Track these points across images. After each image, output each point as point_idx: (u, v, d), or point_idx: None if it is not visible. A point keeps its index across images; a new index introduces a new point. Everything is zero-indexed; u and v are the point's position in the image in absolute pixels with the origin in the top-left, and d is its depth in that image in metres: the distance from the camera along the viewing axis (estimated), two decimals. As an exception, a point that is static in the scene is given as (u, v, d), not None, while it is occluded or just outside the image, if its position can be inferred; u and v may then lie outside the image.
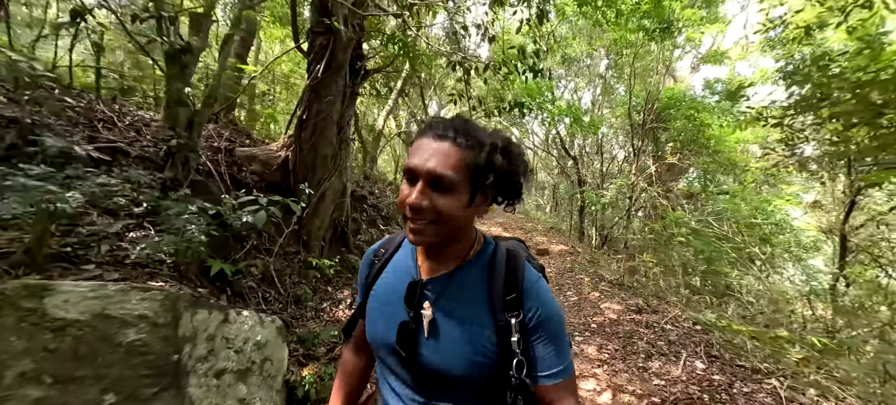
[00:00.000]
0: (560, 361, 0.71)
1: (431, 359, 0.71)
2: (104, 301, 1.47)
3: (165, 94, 2.84)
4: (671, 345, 3.60)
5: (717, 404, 2.57)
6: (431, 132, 0.68)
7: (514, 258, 0.76)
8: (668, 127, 10.54)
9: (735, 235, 6.24)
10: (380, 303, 0.80)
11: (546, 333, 0.71)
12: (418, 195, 0.65)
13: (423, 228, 0.68)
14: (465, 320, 0.72)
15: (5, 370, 1.29)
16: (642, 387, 2.90)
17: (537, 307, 0.71)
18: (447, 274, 0.75)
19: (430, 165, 0.65)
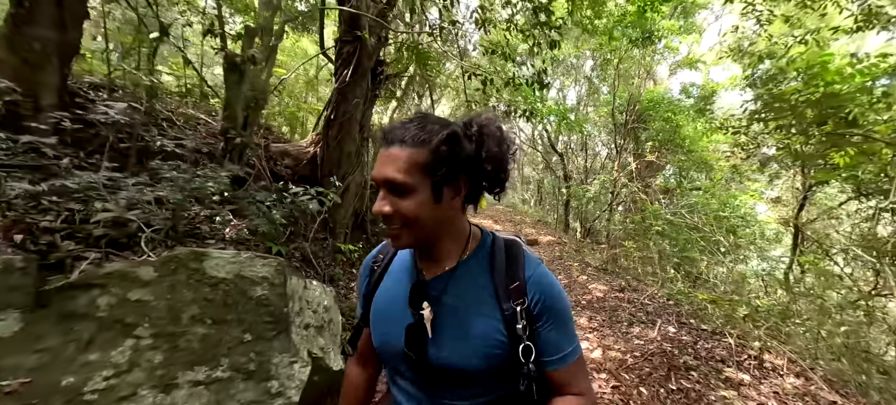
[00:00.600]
0: (567, 344, 0.72)
1: (443, 358, 0.71)
2: (240, 265, 1.95)
3: (225, 98, 3.26)
4: (649, 315, 4.29)
5: (684, 355, 3.24)
6: (385, 140, 0.69)
7: (513, 247, 0.77)
8: (647, 127, 11.38)
9: (704, 226, 7.04)
10: (384, 309, 0.80)
11: (551, 318, 0.71)
12: (379, 203, 0.67)
13: (399, 233, 0.69)
14: (473, 314, 0.72)
15: (181, 313, 1.77)
16: (625, 346, 3.55)
17: (540, 293, 0.72)
18: (448, 271, 0.75)
19: (383, 173, 0.66)
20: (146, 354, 1.65)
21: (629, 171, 11.88)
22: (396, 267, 0.83)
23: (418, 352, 0.71)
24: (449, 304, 0.72)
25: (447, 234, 0.74)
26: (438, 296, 0.73)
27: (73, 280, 1.66)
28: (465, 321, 0.71)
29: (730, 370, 3.05)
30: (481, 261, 0.75)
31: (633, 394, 2.74)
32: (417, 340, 0.71)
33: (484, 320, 0.70)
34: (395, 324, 0.75)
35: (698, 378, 2.94)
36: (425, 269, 0.77)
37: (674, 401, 2.65)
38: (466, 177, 0.69)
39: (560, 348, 0.71)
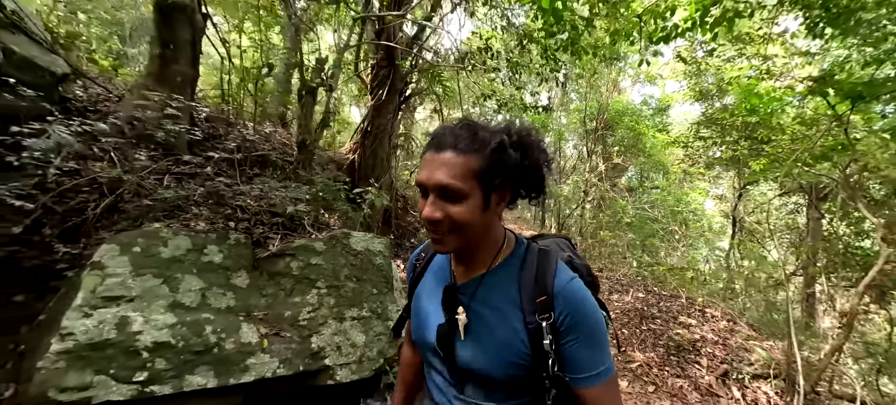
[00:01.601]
0: (598, 363, 0.69)
1: (467, 360, 0.73)
2: (368, 242, 2.84)
3: (300, 117, 4.06)
4: (623, 286, 5.49)
5: (651, 309, 4.42)
6: (435, 145, 0.69)
7: (545, 258, 0.75)
8: (613, 133, 12.91)
9: (662, 218, 8.47)
10: (421, 305, 0.84)
11: (580, 335, 0.69)
12: (430, 208, 0.67)
13: (443, 238, 0.69)
14: (497, 323, 0.72)
15: (340, 273, 2.63)
16: (609, 307, 4.70)
17: (569, 309, 0.69)
18: (478, 277, 0.76)
19: (436, 178, 0.66)
20: (325, 299, 2.54)
21: (598, 172, 13.39)
22: (436, 266, 0.86)
23: (447, 351, 0.74)
24: (476, 311, 0.74)
25: (485, 240, 0.75)
26: (468, 301, 0.75)
27: (274, 251, 2.51)
28: (490, 329, 0.72)
29: (682, 317, 4.26)
30: (511, 271, 0.75)
31: (618, 334, 3.86)
32: (447, 340, 0.74)
33: (507, 330, 0.70)
34: (429, 321, 0.79)
35: (661, 322, 4.12)
36: (458, 273, 0.79)
37: (646, 334, 3.80)
38: (511, 183, 0.70)
39: (588, 367, 0.69)
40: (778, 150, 4.37)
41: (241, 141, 3.50)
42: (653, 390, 2.93)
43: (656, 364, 3.33)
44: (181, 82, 3.27)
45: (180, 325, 1.82)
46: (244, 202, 2.75)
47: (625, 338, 3.76)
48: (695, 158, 6.90)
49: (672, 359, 3.44)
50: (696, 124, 5.86)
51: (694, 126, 5.88)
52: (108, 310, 1.68)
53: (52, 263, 1.99)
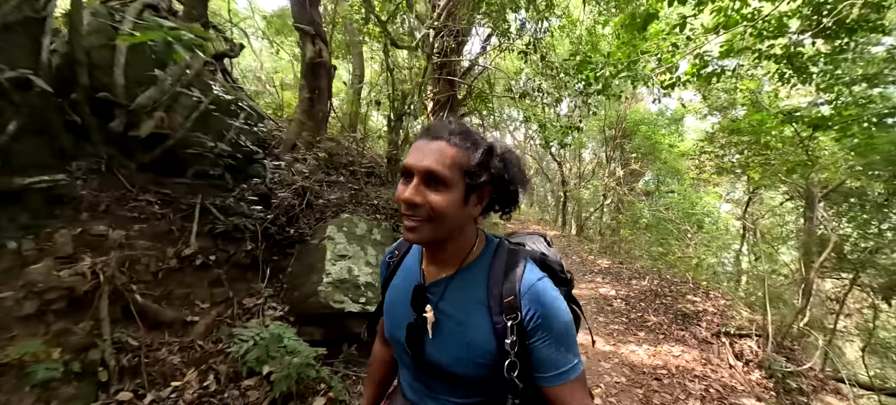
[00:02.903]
0: (565, 361, 0.70)
1: (436, 359, 0.74)
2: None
3: (390, 138, 5.35)
4: (640, 274, 6.59)
5: (663, 290, 5.52)
6: (428, 134, 0.71)
7: (513, 258, 0.76)
8: (631, 140, 13.89)
9: (676, 220, 9.45)
10: (393, 303, 0.84)
11: (546, 334, 0.70)
12: (413, 191, 0.67)
13: (418, 225, 0.69)
14: (465, 323, 0.73)
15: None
16: (628, 290, 5.81)
17: (536, 308, 0.70)
18: (447, 278, 0.76)
19: (425, 163, 0.67)
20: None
21: (617, 177, 14.36)
22: (407, 264, 0.86)
23: (415, 349, 0.75)
24: (444, 310, 0.74)
25: (456, 239, 0.75)
26: (436, 301, 0.75)
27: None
28: (457, 329, 0.73)
29: (689, 296, 5.35)
30: (480, 271, 0.75)
31: (636, 306, 4.99)
32: (416, 339, 0.75)
33: (474, 331, 0.71)
34: (400, 318, 0.79)
35: (671, 299, 5.22)
36: (429, 273, 0.79)
37: (658, 306, 4.92)
38: (491, 189, 0.73)
39: (555, 365, 0.69)
40: (764, 163, 5.44)
41: (356, 157, 4.81)
42: (663, 338, 4.07)
43: (666, 324, 4.45)
44: (322, 117, 4.60)
45: (373, 273, 3.07)
46: (377, 201, 4.02)
47: (641, 309, 4.89)
48: (702, 167, 7.92)
49: (679, 322, 4.56)
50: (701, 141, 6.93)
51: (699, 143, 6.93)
52: (342, 262, 2.95)
53: (284, 238, 3.29)
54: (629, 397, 2.84)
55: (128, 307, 2.17)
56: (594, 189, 14.01)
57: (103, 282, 2.07)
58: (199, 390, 2.14)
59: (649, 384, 3.06)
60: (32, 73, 2.04)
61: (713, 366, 3.57)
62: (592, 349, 3.73)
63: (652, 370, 3.30)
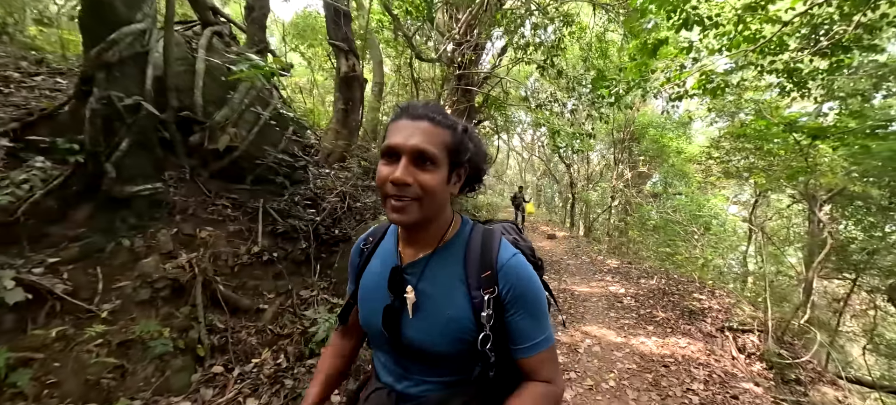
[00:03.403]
0: (538, 333, 0.74)
1: (415, 339, 0.74)
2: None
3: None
4: (648, 274, 6.90)
5: (671, 288, 5.83)
6: (408, 114, 0.71)
7: (489, 236, 0.78)
8: (639, 143, 14.13)
9: (683, 221, 9.72)
10: (368, 289, 0.84)
11: (522, 307, 0.73)
12: (403, 171, 0.67)
13: (407, 205, 0.69)
14: (445, 300, 0.74)
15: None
16: (637, 288, 6.13)
17: (512, 282, 0.73)
18: (425, 257, 0.77)
19: (413, 142, 0.67)
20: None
21: (625, 179, 14.62)
22: (383, 249, 0.86)
23: (393, 331, 0.76)
24: (423, 290, 0.75)
25: (437, 218, 0.76)
26: (415, 281, 0.76)
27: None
28: (436, 307, 0.74)
29: (695, 294, 5.66)
30: (457, 249, 0.77)
31: (645, 303, 5.32)
32: (393, 321, 0.75)
33: (454, 307, 0.73)
34: (376, 303, 0.78)
35: (678, 296, 5.54)
36: (406, 255, 0.80)
37: (666, 303, 5.24)
38: (468, 168, 0.75)
39: (530, 337, 0.73)
40: (768, 168, 5.74)
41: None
42: (670, 331, 4.39)
43: (673, 320, 4.77)
44: (355, 126, 5.00)
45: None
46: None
47: (650, 306, 5.22)
48: (708, 171, 8.20)
49: (685, 318, 4.88)
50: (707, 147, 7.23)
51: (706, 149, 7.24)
52: (383, 259, 3.34)
53: (331, 238, 3.68)
54: (640, 380, 3.19)
55: (215, 295, 2.57)
56: (602, 191, 14.26)
57: (198, 274, 2.47)
58: (274, 366, 2.54)
59: (658, 370, 3.40)
60: (142, 99, 2.44)
61: (717, 357, 3.89)
62: (607, 339, 4.07)
63: (660, 358, 3.64)
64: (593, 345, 3.90)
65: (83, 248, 2.21)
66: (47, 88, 2.99)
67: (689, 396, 2.98)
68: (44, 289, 1.98)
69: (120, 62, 2.38)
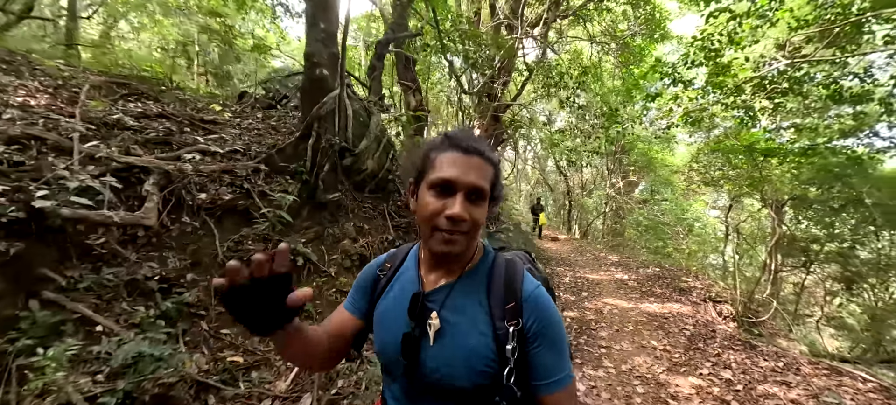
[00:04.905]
0: (560, 369, 0.72)
1: (434, 369, 0.72)
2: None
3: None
4: (644, 265, 8.40)
5: (663, 275, 7.33)
6: (458, 147, 0.72)
7: (512, 267, 0.78)
8: (629, 155, 15.88)
9: (670, 223, 11.36)
10: (387, 315, 0.82)
11: (545, 341, 0.72)
12: (462, 207, 0.68)
13: (458, 239, 0.70)
14: (467, 330, 0.73)
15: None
16: (636, 275, 7.61)
17: (536, 316, 0.72)
18: (449, 284, 0.77)
19: (470, 179, 0.69)
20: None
21: (617, 187, 16.31)
22: (402, 276, 0.85)
23: (411, 360, 0.74)
24: (446, 318, 0.74)
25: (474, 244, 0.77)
26: (437, 308, 0.75)
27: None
28: (458, 336, 0.73)
29: (683, 278, 7.17)
30: (480, 278, 0.77)
31: (645, 284, 6.79)
32: (412, 349, 0.74)
33: (476, 337, 0.72)
34: (394, 331, 0.77)
35: (671, 280, 7.04)
36: (428, 281, 0.80)
37: (661, 284, 6.73)
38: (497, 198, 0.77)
39: (553, 373, 0.71)
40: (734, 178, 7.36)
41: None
42: (667, 300, 5.86)
43: (668, 294, 6.24)
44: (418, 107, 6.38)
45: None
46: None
47: (649, 286, 6.69)
48: (690, 180, 9.88)
49: (677, 293, 6.36)
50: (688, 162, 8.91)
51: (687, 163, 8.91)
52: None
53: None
54: (649, 326, 4.61)
55: (377, 266, 3.89)
56: (598, 198, 15.90)
57: (371, 254, 3.79)
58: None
59: (660, 320, 4.83)
60: (337, 139, 3.79)
61: (701, 315, 5.36)
62: (621, 305, 5.50)
63: (661, 315, 5.08)
64: (613, 309, 5.32)
65: (314, 234, 3.52)
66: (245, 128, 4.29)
67: (683, 332, 4.42)
68: (305, 256, 3.28)
69: (326, 115, 3.73)
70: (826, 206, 7.58)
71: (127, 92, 4.10)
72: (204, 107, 4.50)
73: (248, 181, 3.31)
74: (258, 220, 3.13)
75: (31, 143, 2.47)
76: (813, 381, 3.15)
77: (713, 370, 3.45)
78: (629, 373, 3.37)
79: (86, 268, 2.23)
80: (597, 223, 17.01)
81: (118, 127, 3.12)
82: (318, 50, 3.63)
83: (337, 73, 3.79)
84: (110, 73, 4.46)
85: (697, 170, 8.59)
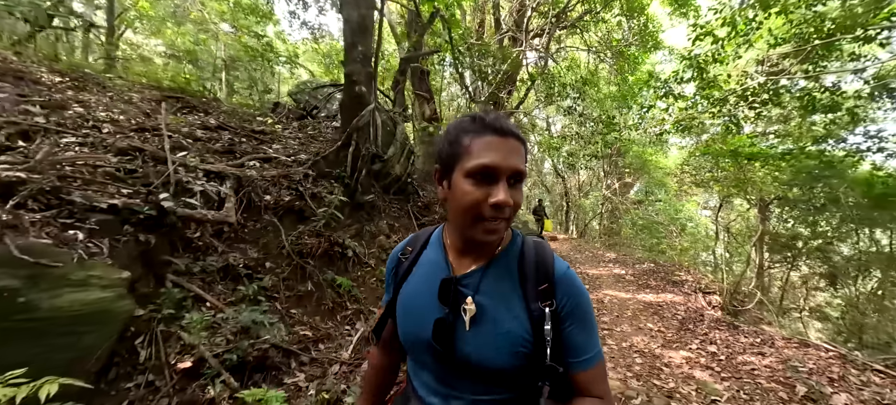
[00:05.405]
0: (592, 347, 0.73)
1: (470, 353, 0.72)
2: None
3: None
4: (639, 261, 8.99)
5: (658, 269, 7.92)
6: (494, 130, 0.68)
7: (542, 249, 0.78)
8: (624, 157, 16.54)
9: (664, 222, 11.98)
10: (411, 302, 0.81)
11: (578, 320, 0.73)
12: (507, 194, 0.66)
13: (500, 227, 0.69)
14: (503, 313, 0.73)
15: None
16: (633, 270, 8.19)
17: (569, 295, 0.73)
18: (481, 268, 0.76)
19: (512, 162, 0.66)
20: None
21: (612, 188, 16.95)
22: (426, 260, 0.84)
23: (446, 345, 0.72)
24: (480, 302, 0.73)
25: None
26: (472, 293, 0.74)
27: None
28: (493, 319, 0.72)
29: (676, 272, 7.75)
30: (511, 261, 0.77)
31: (641, 278, 7.37)
32: (445, 334, 0.73)
33: (511, 319, 0.72)
34: (423, 316, 0.76)
35: (665, 274, 7.62)
36: (458, 265, 0.79)
37: (656, 278, 7.31)
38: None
39: (585, 350, 0.73)
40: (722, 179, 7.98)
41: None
42: (661, 291, 6.43)
43: (662, 286, 6.82)
44: (432, 116, 6.90)
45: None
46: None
47: (645, 279, 7.26)
48: (682, 181, 10.51)
49: (670, 285, 6.94)
50: (680, 164, 9.53)
51: (679, 166, 9.54)
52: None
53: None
54: (646, 312, 5.17)
55: (407, 259, 4.41)
56: (594, 199, 16.52)
57: (402, 246, 4.31)
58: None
59: (656, 307, 5.40)
60: (373, 147, 4.31)
61: (691, 304, 5.94)
62: (620, 296, 6.06)
63: (656, 303, 5.65)
64: (613, 299, 5.88)
65: (355, 230, 4.03)
66: (289, 138, 4.80)
67: (676, 317, 4.99)
68: (353, 249, 3.78)
69: (363, 127, 4.25)
70: (809, 205, 8.22)
71: (181, 105, 4.59)
72: (250, 117, 5.00)
73: (300, 185, 3.81)
74: (311, 219, 3.64)
75: (136, 154, 2.96)
76: (784, 352, 3.72)
77: (701, 345, 4.01)
78: (629, 349, 3.92)
79: (190, 257, 2.73)
80: (593, 223, 17.65)
81: (191, 138, 3.61)
82: (356, 70, 4.14)
83: (371, 89, 4.31)
84: (161, 86, 4.93)
85: (689, 172, 9.21)
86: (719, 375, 3.29)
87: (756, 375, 3.26)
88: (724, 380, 3.18)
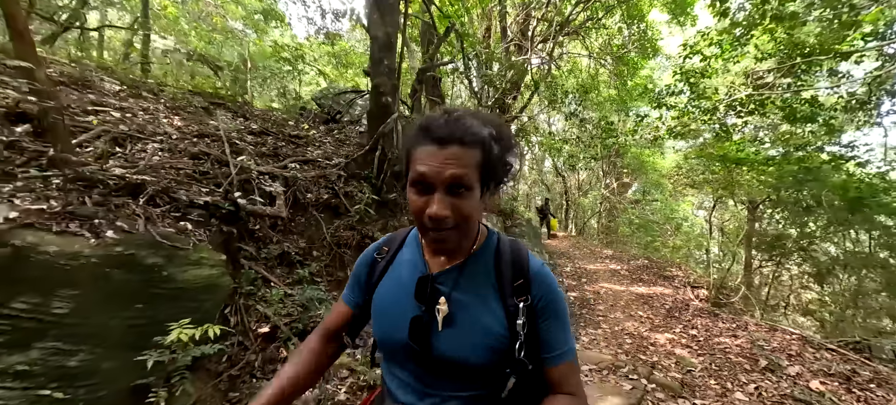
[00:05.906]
0: (564, 343, 0.75)
1: (446, 351, 0.73)
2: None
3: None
4: (635, 258, 9.55)
5: (652, 266, 8.48)
6: (435, 138, 0.67)
7: (517, 247, 0.80)
8: (622, 158, 17.07)
9: (660, 221, 12.54)
10: (388, 301, 0.81)
11: (552, 316, 0.75)
12: (440, 205, 0.65)
13: (448, 236, 0.69)
14: (479, 309, 0.74)
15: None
16: (628, 266, 8.75)
17: (544, 291, 0.75)
18: (457, 266, 0.78)
19: (448, 172, 0.65)
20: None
21: (611, 188, 17.50)
22: (402, 260, 0.85)
23: (422, 344, 0.73)
24: (458, 299, 0.75)
25: (473, 232, 0.76)
26: (449, 291, 0.75)
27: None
28: (470, 316, 0.73)
29: (668, 268, 8.32)
30: (487, 259, 0.79)
31: (635, 272, 7.93)
32: (421, 333, 0.73)
33: (488, 316, 0.73)
34: (399, 316, 0.76)
35: (657, 270, 8.18)
36: (434, 264, 0.80)
37: (649, 273, 7.87)
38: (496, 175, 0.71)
39: (558, 346, 0.74)
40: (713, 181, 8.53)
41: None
42: (653, 284, 6.99)
43: (654, 279, 7.38)
44: None
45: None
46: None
47: (638, 274, 7.82)
48: (677, 182, 11.06)
49: (662, 279, 7.50)
50: (676, 167, 10.07)
51: (674, 168, 10.09)
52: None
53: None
54: (638, 303, 5.73)
55: (425, 251, 4.96)
56: (593, 198, 17.08)
57: (421, 239, 4.85)
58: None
59: (647, 299, 5.96)
60: (397, 150, 4.84)
61: (679, 296, 6.51)
62: (615, 288, 6.63)
63: (648, 295, 6.22)
64: (608, 291, 6.44)
65: (382, 225, 4.58)
66: (321, 142, 5.33)
67: (664, 306, 5.56)
68: (379, 241, 4.33)
69: (388, 133, 4.78)
70: (797, 207, 8.76)
71: (224, 110, 5.11)
72: (283, 122, 5.52)
73: (335, 184, 4.34)
74: (346, 214, 4.18)
75: (205, 158, 3.49)
76: (754, 334, 4.28)
77: (683, 329, 4.57)
78: (621, 332, 4.48)
79: (254, 246, 3.27)
80: (592, 221, 18.23)
81: (243, 142, 4.14)
82: (383, 82, 4.66)
83: (396, 99, 4.84)
84: (204, 92, 5.45)
85: (683, 174, 9.76)
86: (696, 352, 3.85)
87: (727, 352, 3.82)
88: (700, 356, 3.75)
